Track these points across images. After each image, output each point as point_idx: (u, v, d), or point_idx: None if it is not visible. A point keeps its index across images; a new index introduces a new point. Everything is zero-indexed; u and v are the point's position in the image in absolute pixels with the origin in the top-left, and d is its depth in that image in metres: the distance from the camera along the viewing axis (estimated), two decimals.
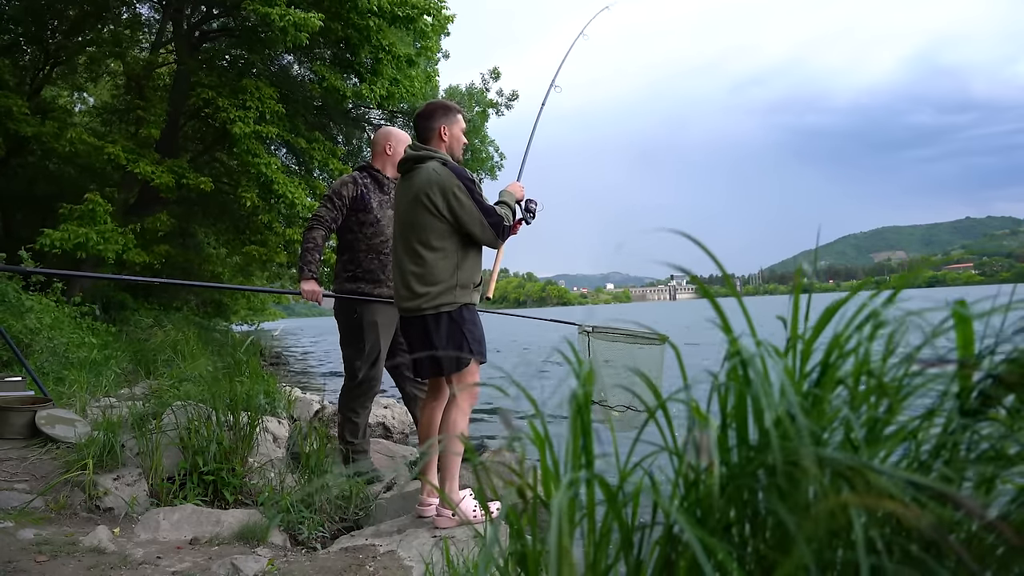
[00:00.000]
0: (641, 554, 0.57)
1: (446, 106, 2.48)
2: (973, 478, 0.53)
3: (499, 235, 2.33)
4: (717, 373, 0.55)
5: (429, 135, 2.43)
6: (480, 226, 2.29)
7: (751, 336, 0.55)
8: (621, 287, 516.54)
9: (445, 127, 2.43)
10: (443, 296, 2.29)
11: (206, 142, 11.10)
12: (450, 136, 2.44)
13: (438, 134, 2.42)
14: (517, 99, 13.73)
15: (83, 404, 3.67)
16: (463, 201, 2.26)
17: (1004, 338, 0.50)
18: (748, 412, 0.52)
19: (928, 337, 0.52)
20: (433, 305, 2.29)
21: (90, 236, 7.59)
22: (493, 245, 2.38)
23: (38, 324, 4.99)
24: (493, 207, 2.35)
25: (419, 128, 2.45)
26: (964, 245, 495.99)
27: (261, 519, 2.37)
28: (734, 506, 0.50)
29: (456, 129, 2.46)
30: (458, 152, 2.48)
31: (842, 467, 0.41)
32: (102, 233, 7.79)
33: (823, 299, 0.64)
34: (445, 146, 2.44)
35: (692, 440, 0.50)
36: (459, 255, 2.31)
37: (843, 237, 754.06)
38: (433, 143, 2.42)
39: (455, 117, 2.46)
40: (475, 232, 2.30)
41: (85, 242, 7.56)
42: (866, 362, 0.53)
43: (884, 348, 0.54)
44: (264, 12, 7.75)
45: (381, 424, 4.56)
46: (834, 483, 0.42)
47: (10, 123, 8.28)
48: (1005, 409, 0.52)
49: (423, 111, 2.46)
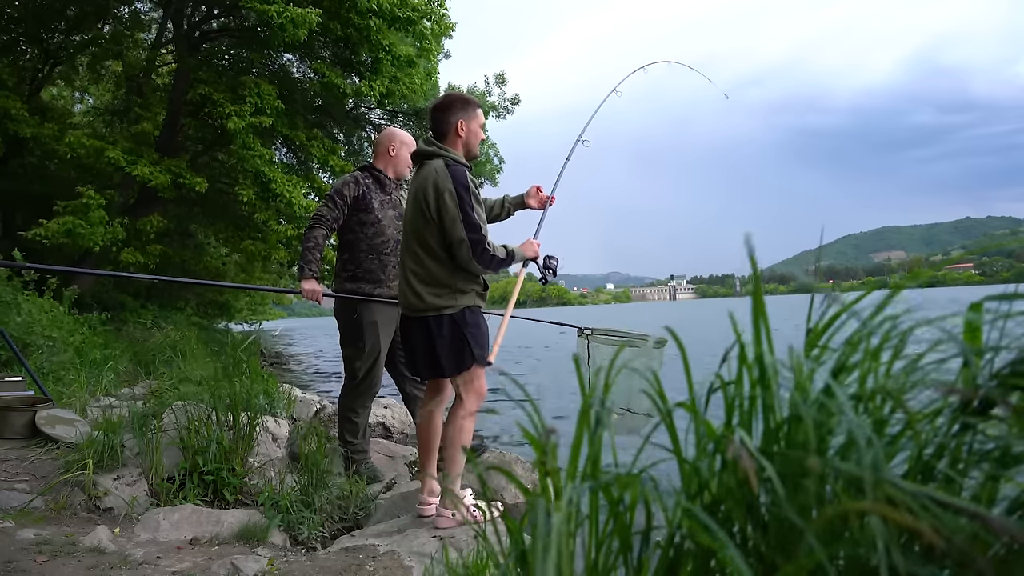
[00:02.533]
0: (642, 558, 0.57)
1: (465, 99, 2.38)
2: (976, 478, 0.53)
3: (475, 256, 2.19)
4: (719, 375, 0.55)
5: (446, 129, 2.33)
6: (458, 239, 2.18)
7: (755, 340, 0.55)
8: (621, 287, 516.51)
9: (463, 122, 2.33)
10: (445, 298, 2.25)
11: (206, 142, 11.09)
12: (467, 131, 2.34)
13: (455, 129, 2.32)
14: (518, 103, 13.72)
15: (83, 404, 3.67)
16: (449, 207, 2.17)
17: (1011, 340, 0.50)
18: (759, 417, 0.52)
19: (931, 345, 0.52)
20: (435, 306, 2.25)
21: (76, 223, 7.63)
22: (467, 265, 2.22)
23: (30, 319, 4.98)
24: (480, 225, 2.20)
25: (436, 121, 2.34)
26: (964, 245, 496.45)
27: (261, 519, 2.37)
28: (739, 509, 0.50)
29: (474, 124, 2.36)
30: (475, 148, 2.39)
31: (860, 479, 0.40)
32: (89, 221, 7.82)
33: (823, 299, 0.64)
34: (462, 142, 2.34)
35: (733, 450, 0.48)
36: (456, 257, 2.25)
37: (843, 237, 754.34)
38: (449, 138, 2.33)
39: (474, 111, 2.36)
40: (452, 242, 2.20)
41: (72, 229, 7.59)
42: (876, 366, 0.53)
43: (891, 355, 0.53)
44: (262, 9, 7.76)
45: (381, 424, 4.56)
46: (846, 490, 0.42)
47: (10, 124, 8.28)
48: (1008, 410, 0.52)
49: (440, 103, 2.36)
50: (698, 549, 0.52)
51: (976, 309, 0.50)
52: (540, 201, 2.74)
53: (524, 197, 2.73)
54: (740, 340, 0.54)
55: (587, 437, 0.56)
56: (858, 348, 0.53)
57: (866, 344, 0.53)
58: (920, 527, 0.38)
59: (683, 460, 0.56)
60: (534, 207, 2.74)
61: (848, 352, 0.53)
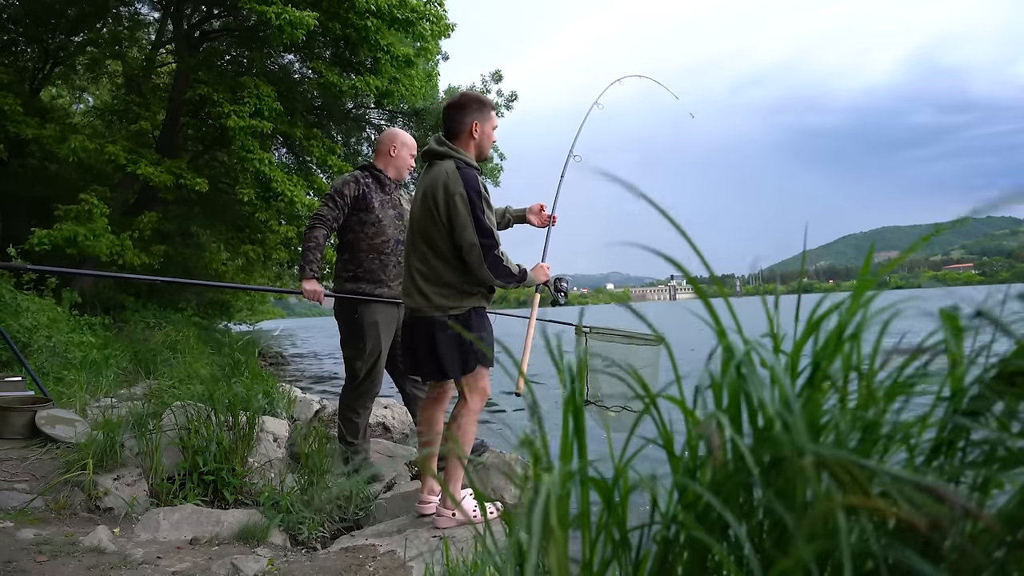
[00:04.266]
0: (639, 554, 0.57)
1: (481, 101, 2.36)
2: (968, 481, 0.53)
3: (487, 262, 2.17)
4: (707, 369, 0.56)
5: (460, 129, 2.30)
6: (468, 244, 2.16)
7: (740, 335, 0.56)
8: (621, 287, 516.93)
9: (478, 123, 2.31)
10: (452, 299, 2.23)
11: (206, 142, 11.11)
12: (481, 133, 2.32)
13: (469, 130, 2.30)
14: (516, 100, 13.71)
15: (83, 404, 3.68)
16: (460, 211, 2.16)
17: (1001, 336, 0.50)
18: (741, 408, 0.53)
19: (923, 340, 0.52)
20: (441, 307, 2.23)
21: (79, 232, 7.63)
22: (478, 271, 2.20)
23: (35, 323, 4.99)
24: (492, 230, 2.19)
25: (450, 120, 2.32)
26: (964, 245, 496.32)
27: (261, 519, 2.37)
28: (730, 504, 0.51)
29: (488, 127, 2.34)
30: (487, 151, 2.38)
31: (835, 464, 0.41)
32: (93, 231, 7.82)
33: (825, 299, 0.64)
34: (474, 143, 2.33)
35: (704, 435, 0.50)
36: (463, 260, 2.23)
37: (843, 237, 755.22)
38: (462, 138, 2.31)
39: (489, 114, 2.35)
40: (463, 247, 2.18)
41: (74, 238, 7.59)
42: (855, 354, 0.53)
43: (873, 347, 0.54)
44: (261, 10, 7.78)
45: (381, 424, 4.56)
46: (831, 482, 0.43)
47: (10, 125, 8.29)
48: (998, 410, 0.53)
49: (457, 101, 2.34)
50: (690, 539, 0.52)
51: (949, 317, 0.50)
52: (542, 220, 2.72)
53: (526, 212, 2.71)
54: (724, 339, 0.54)
55: (569, 422, 0.56)
56: (837, 344, 0.54)
57: (846, 341, 0.54)
58: (885, 507, 0.39)
59: (671, 452, 0.57)
60: (535, 224, 2.73)
61: (828, 346, 0.54)
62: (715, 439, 0.47)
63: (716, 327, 0.54)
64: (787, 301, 0.62)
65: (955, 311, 0.49)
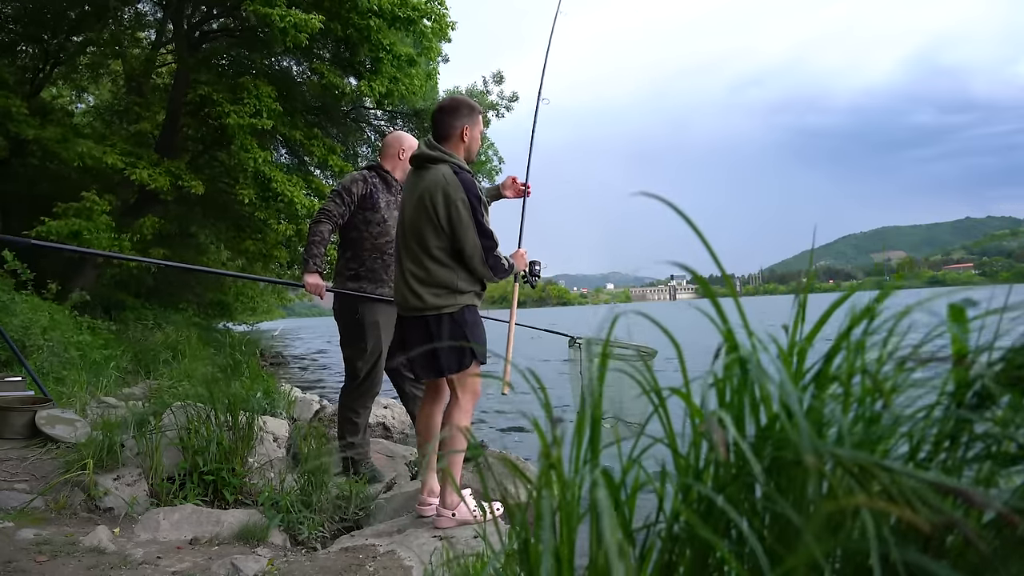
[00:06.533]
0: (644, 552, 0.57)
1: (471, 105, 2.40)
2: (971, 477, 0.53)
3: (488, 263, 2.26)
4: (712, 370, 0.55)
5: (450, 132, 2.34)
6: (472, 246, 2.23)
7: (747, 335, 0.55)
8: (621, 287, 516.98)
9: (468, 127, 2.35)
10: (445, 298, 2.26)
11: (206, 142, 11.10)
12: (470, 138, 2.37)
13: (460, 134, 2.34)
14: (517, 100, 13.69)
15: (83, 404, 3.67)
16: (463, 216, 2.20)
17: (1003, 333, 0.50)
18: (745, 408, 0.52)
19: (927, 337, 0.52)
20: (435, 306, 2.26)
21: (82, 226, 7.66)
22: (480, 271, 2.29)
23: (29, 321, 4.98)
24: (493, 233, 2.27)
25: (439, 123, 2.35)
26: (964, 245, 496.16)
27: (261, 519, 2.37)
28: (734, 502, 0.50)
29: (476, 131, 2.39)
30: (474, 154, 2.43)
31: (852, 464, 0.40)
32: (96, 226, 7.85)
33: (824, 299, 0.64)
34: (464, 147, 2.37)
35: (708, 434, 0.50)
36: (458, 261, 2.27)
37: (843, 237, 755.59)
38: (452, 141, 2.34)
39: (478, 118, 2.40)
40: (466, 249, 2.24)
41: (79, 232, 7.63)
42: (861, 356, 0.53)
43: (880, 347, 0.54)
44: (264, 13, 7.76)
45: (381, 424, 4.56)
46: (841, 480, 0.42)
47: (11, 125, 8.28)
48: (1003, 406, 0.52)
49: (447, 105, 2.37)
50: (692, 534, 0.52)
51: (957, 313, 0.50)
52: (516, 191, 2.78)
53: (500, 188, 2.77)
54: (731, 337, 0.54)
55: (584, 425, 0.56)
56: (844, 344, 0.53)
57: (852, 339, 0.53)
58: (905, 512, 0.38)
59: (677, 452, 0.57)
60: (510, 197, 2.79)
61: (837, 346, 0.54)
62: (719, 434, 0.46)
63: (723, 327, 0.53)
64: (787, 301, 0.62)
65: (965, 304, 0.49)
